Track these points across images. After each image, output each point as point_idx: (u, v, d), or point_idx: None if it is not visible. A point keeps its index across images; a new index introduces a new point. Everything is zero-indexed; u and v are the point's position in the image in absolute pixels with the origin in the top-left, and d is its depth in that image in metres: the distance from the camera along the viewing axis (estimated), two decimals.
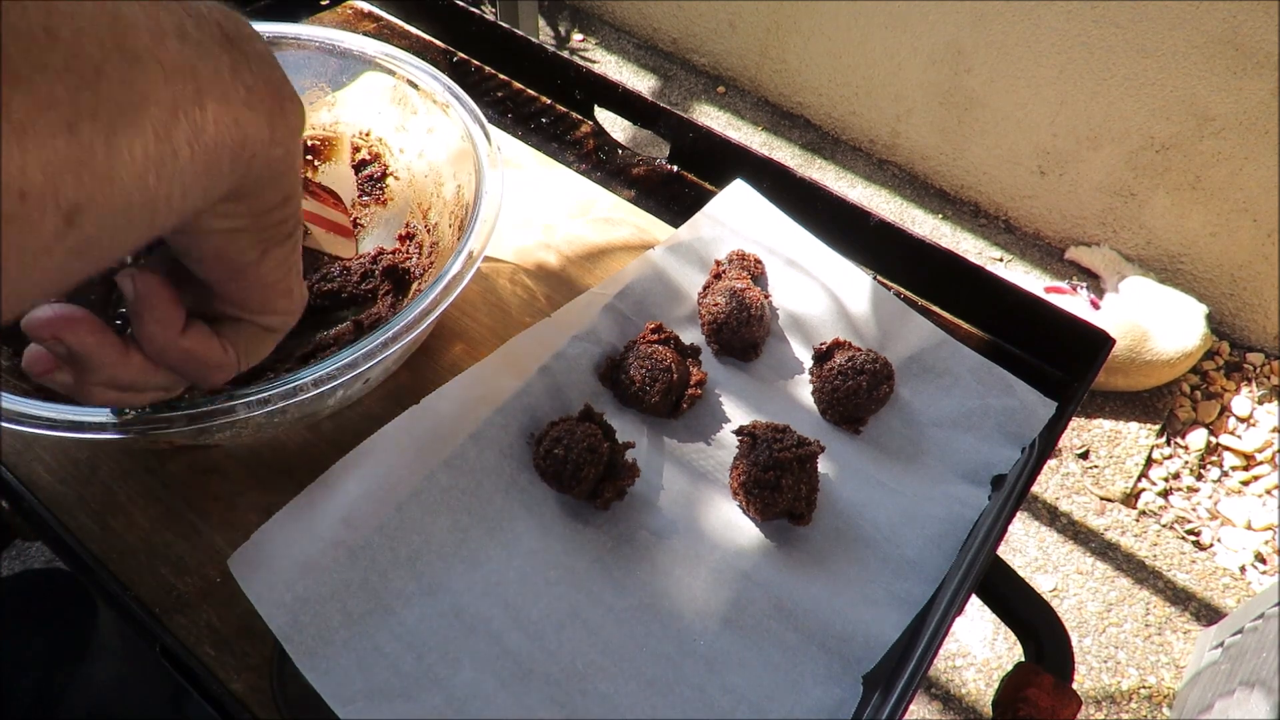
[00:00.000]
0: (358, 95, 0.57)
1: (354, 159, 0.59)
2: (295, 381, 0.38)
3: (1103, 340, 0.51)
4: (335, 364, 0.39)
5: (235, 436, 0.45)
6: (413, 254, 0.55)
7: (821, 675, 0.40)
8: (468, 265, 0.44)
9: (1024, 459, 0.49)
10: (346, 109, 0.58)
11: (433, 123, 0.55)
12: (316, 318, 0.54)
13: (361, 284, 0.54)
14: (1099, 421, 1.44)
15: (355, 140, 0.59)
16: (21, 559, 1.18)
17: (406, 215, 0.57)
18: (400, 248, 0.56)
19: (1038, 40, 1.47)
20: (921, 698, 1.14)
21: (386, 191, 0.59)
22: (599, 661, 0.39)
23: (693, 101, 1.94)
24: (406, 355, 0.50)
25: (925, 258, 0.56)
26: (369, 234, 0.58)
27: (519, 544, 0.43)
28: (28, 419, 0.36)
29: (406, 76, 0.55)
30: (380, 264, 0.55)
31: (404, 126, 0.57)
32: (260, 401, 0.37)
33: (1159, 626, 1.22)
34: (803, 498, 0.44)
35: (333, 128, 0.58)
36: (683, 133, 0.62)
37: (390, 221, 0.58)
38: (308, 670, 0.37)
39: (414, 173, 0.57)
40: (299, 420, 0.46)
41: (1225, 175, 1.42)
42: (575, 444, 0.43)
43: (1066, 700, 0.42)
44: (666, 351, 0.49)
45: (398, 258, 0.55)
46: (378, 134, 0.58)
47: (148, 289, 0.28)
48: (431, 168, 0.56)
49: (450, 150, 0.53)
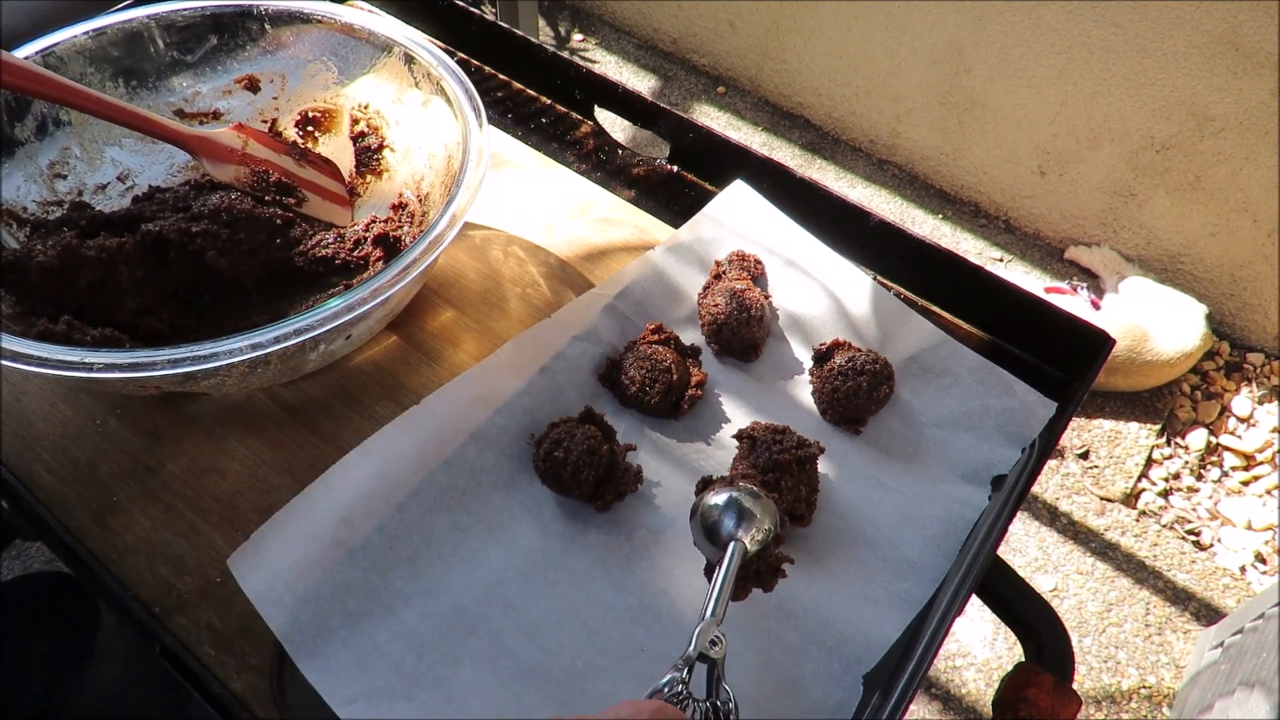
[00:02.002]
0: (358, 69, 0.59)
1: (353, 131, 0.60)
2: (278, 329, 0.39)
3: (1103, 340, 0.51)
4: (317, 314, 0.40)
5: (219, 385, 0.46)
6: (404, 223, 0.57)
7: (821, 675, 0.40)
8: (451, 225, 0.45)
9: (1024, 459, 0.49)
10: (348, 83, 0.59)
11: (427, 95, 0.56)
12: (311, 283, 0.55)
13: (354, 251, 0.56)
14: (1099, 421, 1.44)
15: (354, 113, 0.60)
16: (21, 559, 1.18)
17: (401, 186, 0.58)
18: (393, 217, 0.57)
19: (1038, 40, 1.47)
20: (921, 698, 1.14)
21: (383, 163, 0.60)
22: (598, 661, 0.39)
23: (693, 101, 1.94)
24: (391, 315, 0.51)
25: (925, 258, 0.56)
26: (366, 204, 0.59)
27: (519, 544, 0.43)
28: (23, 357, 0.38)
29: (405, 49, 0.56)
30: (372, 232, 0.56)
31: (400, 99, 0.58)
32: (246, 348, 0.39)
33: (1159, 626, 1.22)
34: (802, 499, 0.44)
35: (333, 100, 0.60)
36: (683, 133, 0.62)
37: (388, 192, 0.59)
38: (308, 670, 0.37)
39: (409, 145, 0.58)
40: (282, 372, 0.47)
41: (1225, 175, 1.41)
42: (575, 446, 0.43)
43: (1066, 700, 0.41)
44: (666, 352, 0.49)
45: (389, 226, 0.56)
46: (375, 106, 0.59)
47: None
48: (425, 140, 0.57)
49: (443, 122, 0.54)
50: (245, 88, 0.59)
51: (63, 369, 0.38)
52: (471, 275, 0.56)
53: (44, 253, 0.47)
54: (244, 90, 0.59)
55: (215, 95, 0.59)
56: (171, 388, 0.44)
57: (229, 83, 0.59)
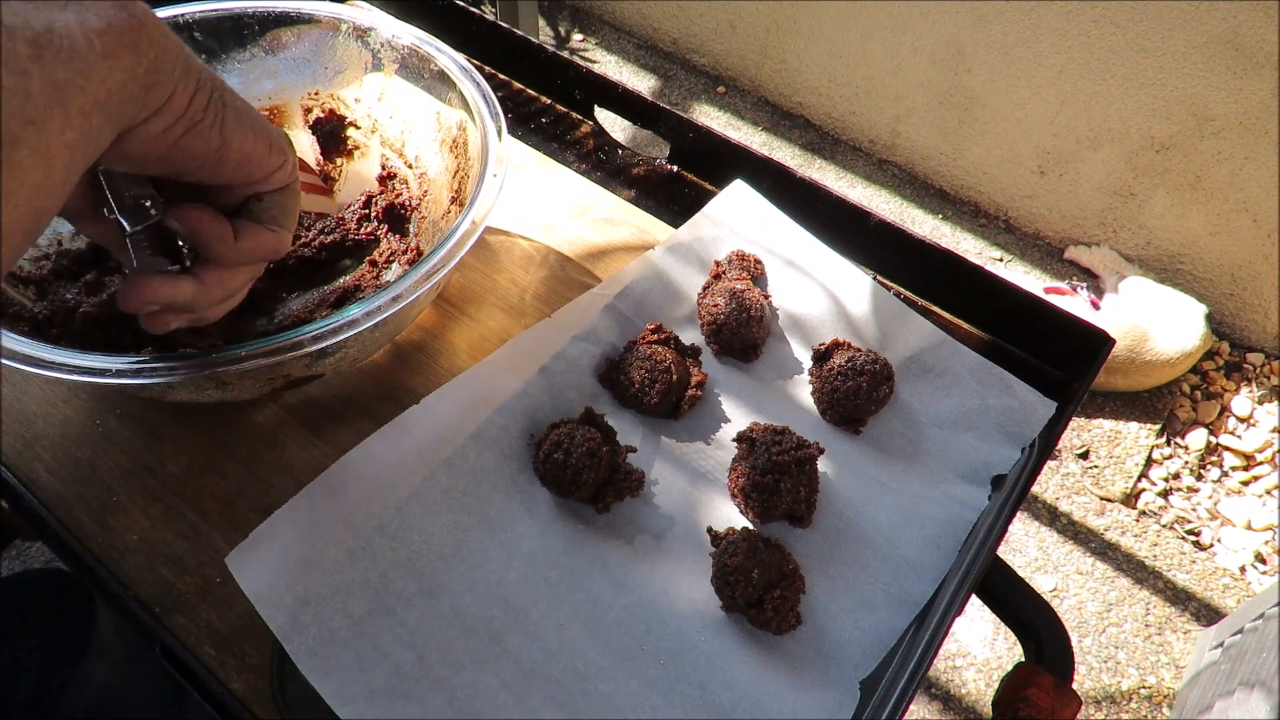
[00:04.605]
0: (297, 60, 0.58)
1: (308, 120, 0.59)
2: (339, 320, 0.40)
3: (1103, 340, 0.51)
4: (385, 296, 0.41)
5: (339, 363, 0.46)
6: (400, 190, 0.57)
7: (820, 677, 0.40)
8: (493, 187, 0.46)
9: (1024, 459, 0.49)
10: (289, 74, 0.58)
11: (389, 63, 0.55)
12: (322, 271, 0.55)
13: (359, 230, 0.56)
14: (1099, 421, 1.44)
15: (304, 101, 0.59)
16: (21, 559, 1.18)
17: (380, 159, 0.58)
18: (384, 188, 0.57)
19: (1038, 40, 1.47)
20: (921, 698, 1.14)
21: (350, 142, 0.59)
22: (599, 661, 0.39)
23: (693, 101, 1.94)
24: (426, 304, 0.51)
25: (925, 258, 0.56)
26: (346, 185, 0.59)
27: (519, 544, 0.43)
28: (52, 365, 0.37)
29: (353, 25, 0.55)
30: (376, 206, 0.56)
31: (358, 80, 0.57)
32: (315, 338, 0.39)
33: (1159, 626, 1.22)
34: (802, 500, 0.44)
35: (277, 94, 0.58)
36: (683, 133, 0.62)
37: (367, 169, 0.59)
38: (308, 670, 0.37)
39: (375, 117, 0.58)
40: (356, 360, 0.48)
41: (1225, 175, 1.42)
42: (575, 448, 0.43)
43: (1066, 700, 0.41)
44: (666, 352, 0.49)
45: (389, 196, 0.56)
46: (327, 89, 0.59)
47: (194, 218, 0.34)
48: (396, 106, 0.56)
49: (416, 84, 0.54)
50: None
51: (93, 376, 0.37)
52: (471, 275, 0.56)
53: (87, 304, 0.47)
54: None
55: None
56: (302, 372, 0.45)
57: None
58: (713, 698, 0.39)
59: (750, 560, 0.41)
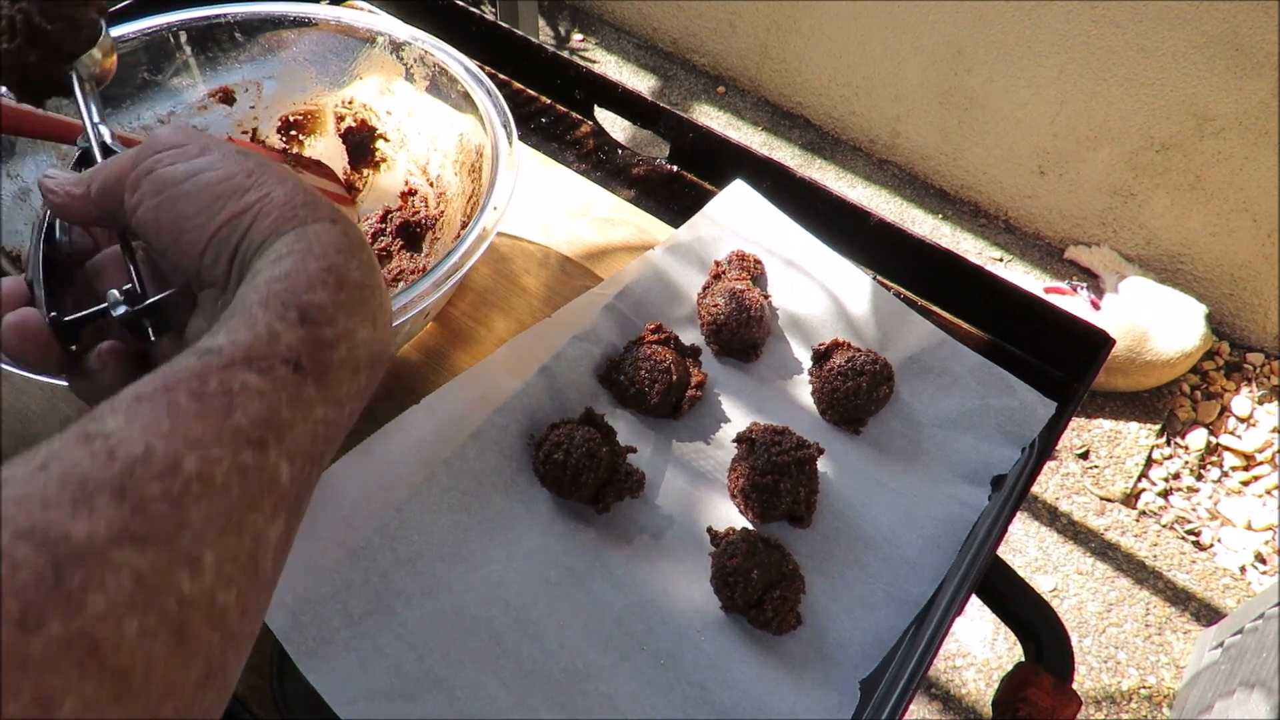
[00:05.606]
0: (336, 66, 0.58)
1: (340, 128, 0.59)
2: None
3: (1103, 340, 0.51)
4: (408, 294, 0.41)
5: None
6: (419, 207, 0.57)
7: (820, 677, 0.40)
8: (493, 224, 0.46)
9: (1024, 459, 0.49)
10: (327, 80, 0.59)
11: (422, 79, 0.56)
12: None
13: (372, 244, 0.56)
14: (1099, 421, 1.44)
15: (338, 110, 0.59)
16: None
17: (404, 174, 0.58)
18: (404, 204, 0.57)
19: (1038, 40, 1.47)
20: (921, 698, 1.14)
21: (378, 154, 0.60)
22: (599, 661, 0.39)
23: (693, 101, 1.94)
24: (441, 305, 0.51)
25: (925, 258, 0.56)
26: (369, 197, 0.59)
27: (519, 544, 0.43)
28: None
29: (390, 38, 0.55)
30: (391, 222, 0.56)
31: (389, 89, 0.58)
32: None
33: (1159, 626, 1.22)
34: (802, 500, 0.44)
35: (313, 100, 0.59)
36: (683, 133, 0.62)
37: (391, 182, 0.59)
38: (308, 670, 0.37)
39: (404, 132, 0.58)
40: None
41: (1225, 175, 1.41)
42: (575, 449, 0.43)
43: (1066, 700, 0.41)
44: (666, 352, 0.49)
45: (406, 213, 0.56)
46: (362, 100, 0.59)
47: None
48: (425, 123, 0.57)
49: (444, 102, 0.54)
50: (220, 100, 0.58)
51: None
52: (471, 276, 0.56)
53: None
54: (219, 104, 0.58)
55: (190, 112, 0.57)
56: None
57: (202, 98, 0.57)
58: (712, 697, 0.39)
59: (750, 560, 0.41)
